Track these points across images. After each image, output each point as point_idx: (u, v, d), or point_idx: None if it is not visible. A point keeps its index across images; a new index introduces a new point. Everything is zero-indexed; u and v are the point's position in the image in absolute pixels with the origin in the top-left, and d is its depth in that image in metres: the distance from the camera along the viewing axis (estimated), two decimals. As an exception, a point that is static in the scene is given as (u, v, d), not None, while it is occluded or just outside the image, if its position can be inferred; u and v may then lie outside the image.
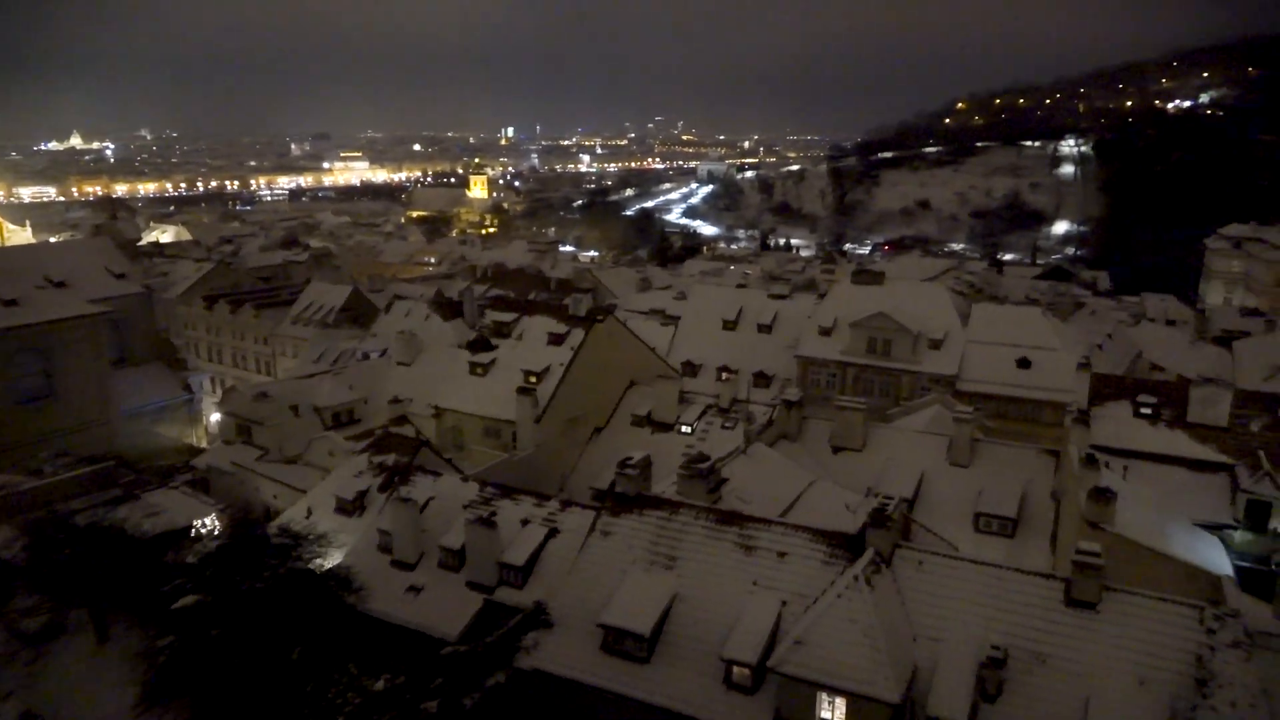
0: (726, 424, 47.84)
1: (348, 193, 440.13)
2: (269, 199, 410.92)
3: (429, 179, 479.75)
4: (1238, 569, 33.83)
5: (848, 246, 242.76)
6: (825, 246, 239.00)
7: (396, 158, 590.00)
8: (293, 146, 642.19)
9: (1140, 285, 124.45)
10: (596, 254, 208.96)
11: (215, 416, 68.83)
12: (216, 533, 37.62)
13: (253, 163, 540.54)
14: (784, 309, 71.10)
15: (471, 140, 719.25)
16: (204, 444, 70.72)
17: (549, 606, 28.58)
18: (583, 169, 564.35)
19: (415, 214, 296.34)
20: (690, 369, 67.33)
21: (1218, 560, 33.31)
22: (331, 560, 33.16)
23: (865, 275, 71.13)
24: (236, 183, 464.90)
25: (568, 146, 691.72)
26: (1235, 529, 38.40)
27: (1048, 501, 37.60)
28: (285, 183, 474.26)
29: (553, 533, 32.82)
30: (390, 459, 39.99)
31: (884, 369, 62.03)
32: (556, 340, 52.21)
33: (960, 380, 59.32)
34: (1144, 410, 43.98)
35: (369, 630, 29.52)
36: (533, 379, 49.83)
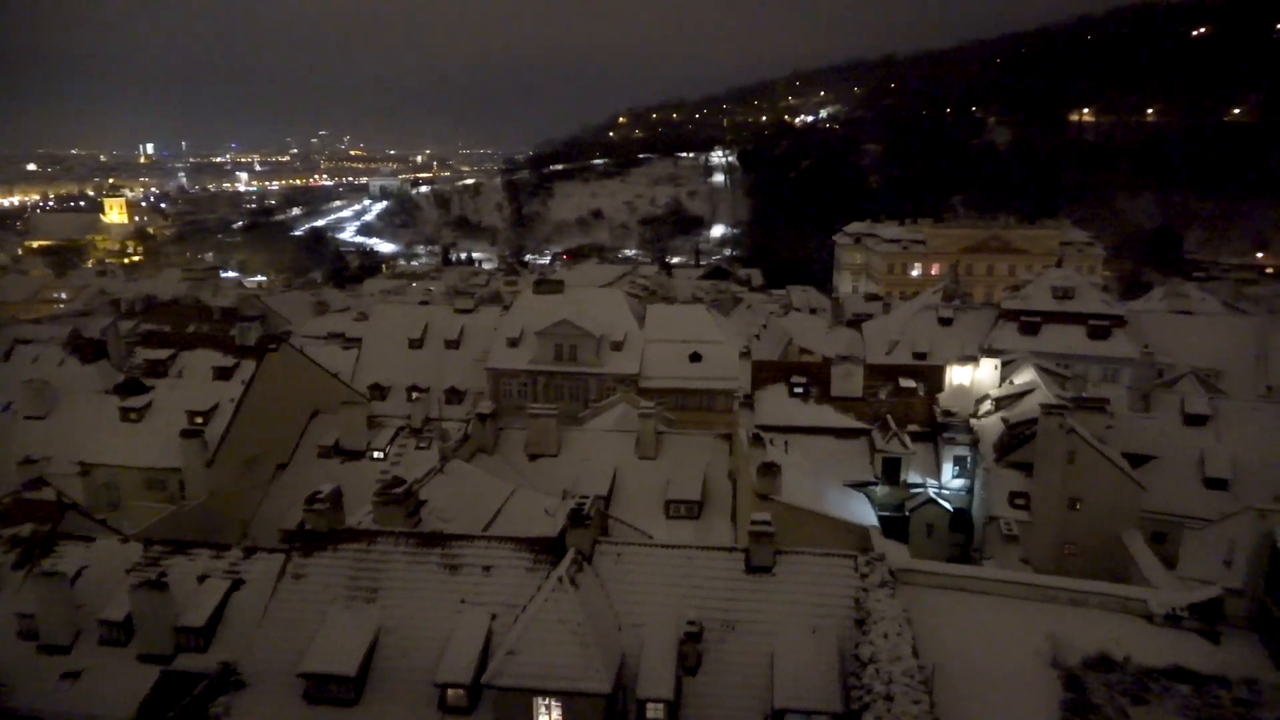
0: (421, 444, 46.87)
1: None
2: None
3: (51, 203, 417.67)
4: (880, 518, 39.29)
5: (528, 257, 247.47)
6: (507, 258, 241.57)
7: (6, 179, 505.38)
8: None
9: (786, 279, 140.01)
10: (264, 278, 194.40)
11: None
12: None
13: None
14: (470, 323, 71.06)
15: (103, 158, 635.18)
16: None
17: (239, 665, 26.20)
18: (241, 188, 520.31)
19: (37, 244, 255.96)
20: (378, 392, 65.22)
21: (865, 513, 38.44)
22: (-45, 660, 27.88)
23: (547, 285, 73.15)
24: None
25: (221, 164, 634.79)
26: (876, 484, 44.57)
27: (726, 481, 41.11)
28: None
29: (237, 584, 30.15)
30: (26, 529, 34.22)
31: (572, 374, 64.16)
32: (224, 375, 47.98)
33: (642, 378, 62.98)
34: (797, 389, 49.52)
35: (14, 733, 25.24)
36: (199, 419, 45.39)
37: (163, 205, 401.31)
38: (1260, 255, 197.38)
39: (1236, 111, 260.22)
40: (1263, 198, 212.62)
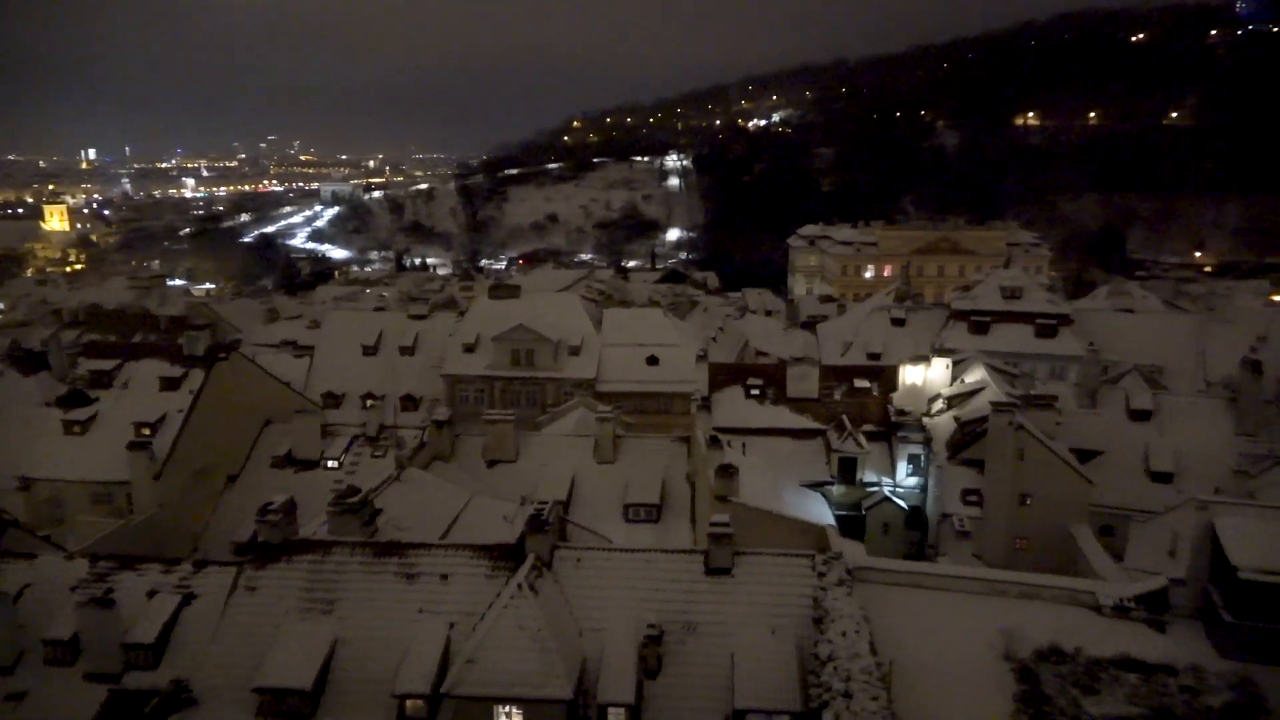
0: (376, 452, 46.30)
1: None
2: None
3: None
4: (837, 517, 39.71)
5: (484, 262, 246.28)
6: (462, 264, 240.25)
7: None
8: None
9: (742, 282, 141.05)
10: (213, 286, 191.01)
11: None
12: None
13: None
14: (425, 329, 70.43)
15: (43, 164, 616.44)
16: None
17: (190, 682, 25.67)
18: (188, 194, 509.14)
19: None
20: (332, 400, 64.36)
21: (822, 513, 38.83)
22: (-110, 685, 26.91)
23: (502, 290, 72.69)
24: None
25: (167, 169, 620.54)
26: (832, 484, 45.06)
27: (685, 484, 41.18)
28: None
29: (187, 599, 29.47)
30: (-36, 548, 33.27)
31: (529, 379, 63.86)
32: (172, 385, 46.95)
33: (599, 382, 62.85)
34: (753, 391, 49.95)
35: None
36: (146, 431, 44.33)
37: (106, 212, 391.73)
38: (1198, 254, 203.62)
39: (1174, 115, 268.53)
40: (1200, 198, 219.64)
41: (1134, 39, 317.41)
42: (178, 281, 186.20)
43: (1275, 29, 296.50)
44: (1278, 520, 26.06)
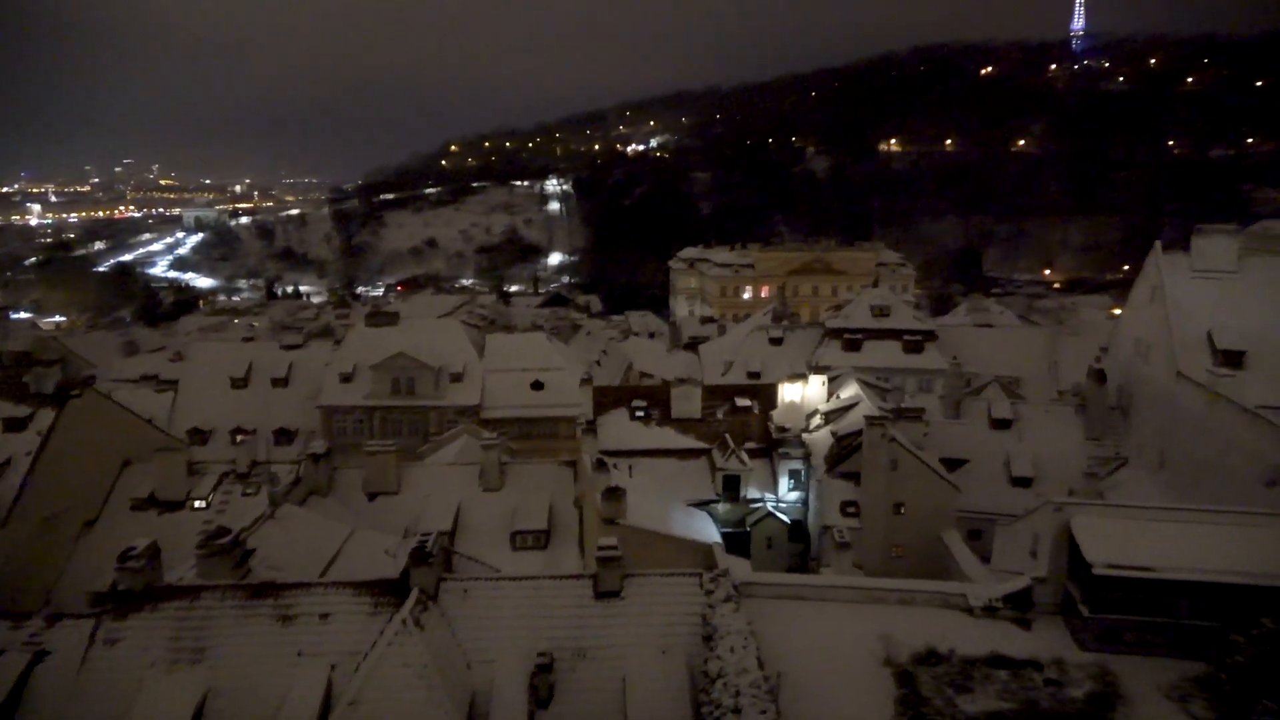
0: (248, 490, 44.08)
1: None
2: None
3: None
4: (723, 534, 40.33)
5: (360, 289, 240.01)
6: (337, 291, 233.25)
7: None
8: None
9: (625, 304, 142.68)
10: (64, 319, 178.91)
11: None
12: None
13: None
14: (299, 359, 68.00)
15: None
16: None
17: (43, 747, 23.74)
18: (34, 221, 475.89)
19: None
20: (198, 436, 61.30)
21: (708, 531, 39.33)
22: None
23: (381, 317, 71.00)
24: None
25: (9, 195, 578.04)
26: (717, 502, 45.75)
27: (572, 508, 41.04)
28: None
29: (39, 657, 27.25)
30: None
31: (410, 408, 62.45)
32: (17, 426, 43.73)
33: (483, 408, 62.12)
34: (638, 413, 50.26)
35: None
36: (-11, 477, 40.99)
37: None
38: (1047, 272, 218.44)
39: (1021, 143, 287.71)
40: (1047, 220, 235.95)
41: (983, 72, 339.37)
42: (23, 314, 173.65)
43: (1106, 64, 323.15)
44: (1125, 519, 28.07)
